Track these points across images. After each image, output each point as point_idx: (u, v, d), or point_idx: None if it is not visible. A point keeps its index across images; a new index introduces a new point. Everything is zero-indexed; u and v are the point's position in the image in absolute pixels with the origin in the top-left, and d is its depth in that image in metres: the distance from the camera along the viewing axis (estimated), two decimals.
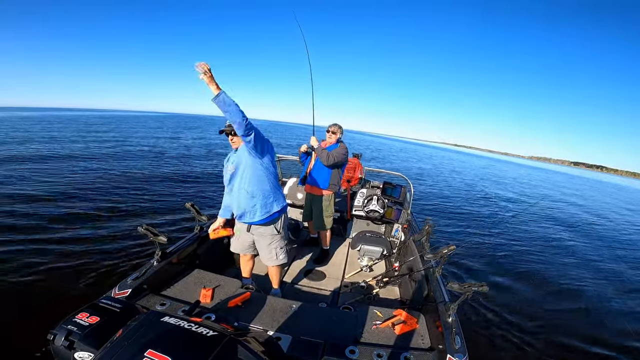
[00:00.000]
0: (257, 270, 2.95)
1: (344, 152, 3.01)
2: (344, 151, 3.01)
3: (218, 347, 0.99)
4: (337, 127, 3.08)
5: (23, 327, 2.55)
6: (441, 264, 2.19)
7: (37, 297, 2.96)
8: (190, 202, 2.52)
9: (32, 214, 4.90)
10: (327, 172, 3.02)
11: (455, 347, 1.51)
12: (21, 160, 9.03)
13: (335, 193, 3.19)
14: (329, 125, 3.12)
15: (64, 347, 1.26)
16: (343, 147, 3.03)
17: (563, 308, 3.98)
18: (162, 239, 1.96)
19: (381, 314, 1.90)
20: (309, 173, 3.11)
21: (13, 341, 2.39)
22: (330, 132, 3.08)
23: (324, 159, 2.88)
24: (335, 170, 3.06)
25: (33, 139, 14.07)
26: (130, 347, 0.98)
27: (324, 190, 3.06)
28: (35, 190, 6.13)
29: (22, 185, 6.42)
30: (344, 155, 2.99)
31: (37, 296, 2.98)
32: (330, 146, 3.07)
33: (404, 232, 3.42)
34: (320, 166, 3.00)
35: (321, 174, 3.04)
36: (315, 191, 3.11)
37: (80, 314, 1.39)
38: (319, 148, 2.94)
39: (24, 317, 2.68)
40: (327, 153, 2.88)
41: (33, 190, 6.17)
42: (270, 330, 1.68)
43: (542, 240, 6.89)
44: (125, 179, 7.89)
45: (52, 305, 2.85)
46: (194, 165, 10.98)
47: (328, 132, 3.09)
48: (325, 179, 3.04)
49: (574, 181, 36.30)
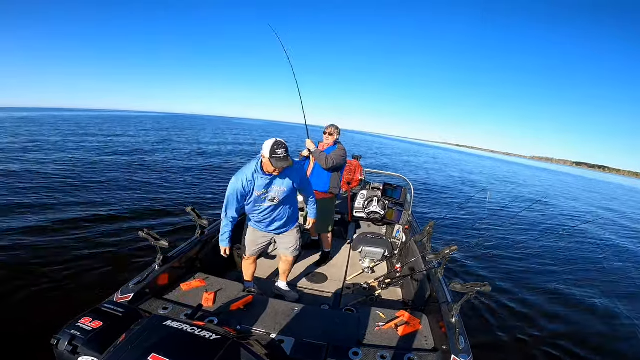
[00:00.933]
0: (259, 273, 2.95)
1: (343, 153, 2.95)
2: (343, 153, 2.96)
3: (221, 350, 0.99)
4: (333, 128, 2.99)
5: (26, 332, 2.54)
6: (443, 264, 2.19)
7: (39, 302, 2.96)
8: (191, 206, 2.52)
9: (31, 218, 4.91)
10: (327, 175, 2.98)
11: (459, 348, 1.51)
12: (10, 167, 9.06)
13: (336, 195, 3.15)
14: (326, 126, 3.04)
15: (67, 351, 1.26)
16: (341, 148, 2.97)
17: (568, 308, 3.96)
18: (163, 244, 1.97)
19: (384, 316, 1.90)
20: (309, 177, 3.00)
21: (16, 346, 2.39)
22: (327, 134, 2.99)
23: (323, 162, 2.83)
24: (334, 173, 3.02)
25: (22, 140, 14.12)
26: (133, 352, 0.98)
27: (324, 194, 3.01)
28: (35, 195, 6.15)
29: (18, 195, 6.43)
30: (342, 157, 2.94)
31: (40, 301, 2.98)
32: (328, 148, 3.00)
33: (405, 233, 3.42)
34: (319, 169, 2.95)
35: (321, 177, 2.98)
36: (316, 195, 3.08)
37: (84, 318, 1.39)
38: (316, 151, 2.88)
39: (27, 322, 2.68)
40: (326, 156, 2.83)
41: (32, 199, 6.18)
42: (273, 333, 1.67)
43: (546, 241, 6.86)
44: (127, 182, 7.90)
45: (54, 310, 2.85)
46: (196, 167, 11.00)
47: (325, 134, 3.02)
48: (325, 182, 2.99)
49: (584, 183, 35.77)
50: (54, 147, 13.00)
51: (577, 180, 37.79)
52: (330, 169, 2.90)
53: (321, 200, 3.00)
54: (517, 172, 36.73)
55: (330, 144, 3.01)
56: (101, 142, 16.17)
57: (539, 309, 3.80)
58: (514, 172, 35.45)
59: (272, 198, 2.07)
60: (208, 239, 2.64)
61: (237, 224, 3.03)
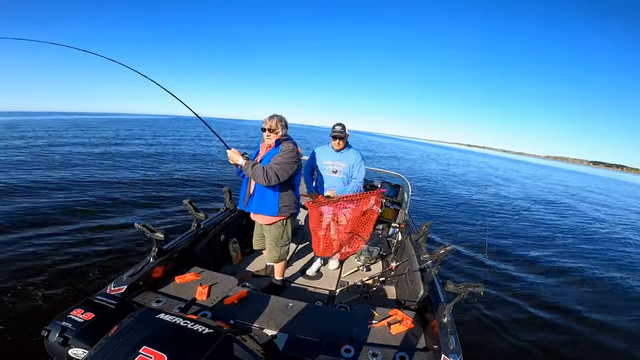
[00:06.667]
0: (253, 268, 2.96)
1: (291, 155, 2.09)
2: (291, 155, 2.09)
3: (214, 344, 0.99)
4: (275, 120, 2.16)
5: (17, 323, 2.53)
6: (437, 264, 2.20)
7: (30, 294, 2.94)
8: (188, 199, 2.51)
9: (26, 208, 4.86)
10: (273, 194, 2.19)
11: (450, 347, 1.52)
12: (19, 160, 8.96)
13: (293, 214, 2.35)
14: (264, 119, 2.18)
15: (58, 343, 1.25)
16: (288, 148, 2.12)
17: (561, 310, 4.00)
18: (158, 236, 1.95)
19: (377, 314, 1.91)
20: (251, 194, 2.26)
21: (6, 337, 2.37)
22: (268, 131, 2.16)
23: (261, 179, 2.00)
24: (285, 187, 2.20)
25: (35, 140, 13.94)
26: (125, 344, 0.97)
27: (272, 217, 2.25)
28: (34, 192, 6.09)
29: (24, 190, 6.37)
30: (291, 161, 2.09)
31: (31, 292, 2.96)
32: (267, 154, 2.17)
33: (401, 232, 3.43)
34: (261, 186, 2.15)
35: (265, 196, 2.19)
36: (261, 219, 2.32)
37: (75, 310, 1.38)
38: (247, 165, 2.02)
39: (18, 313, 2.66)
40: (262, 170, 2.01)
41: (32, 198, 6.11)
42: (266, 328, 1.68)
43: (541, 242, 6.91)
44: (124, 175, 7.85)
45: (46, 301, 2.84)
46: (195, 165, 10.94)
47: (264, 132, 2.19)
48: (272, 203, 2.20)
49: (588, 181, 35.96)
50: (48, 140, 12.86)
51: (581, 178, 37.66)
52: (276, 184, 2.09)
53: (269, 227, 2.32)
54: (524, 171, 36.42)
55: (272, 145, 2.18)
56: (96, 141, 16.00)
57: (531, 311, 3.84)
58: (519, 171, 35.16)
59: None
60: (204, 233, 2.63)
61: (233, 219, 3.01)
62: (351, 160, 2.68)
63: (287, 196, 2.23)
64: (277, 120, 2.16)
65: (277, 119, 2.16)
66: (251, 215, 2.39)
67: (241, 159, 2.05)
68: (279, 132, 2.18)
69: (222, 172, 10.02)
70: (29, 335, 2.37)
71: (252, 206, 2.26)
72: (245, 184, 2.31)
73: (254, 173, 2.01)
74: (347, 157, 2.69)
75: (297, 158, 2.15)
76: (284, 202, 2.22)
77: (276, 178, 2.03)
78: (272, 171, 2.01)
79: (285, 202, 2.22)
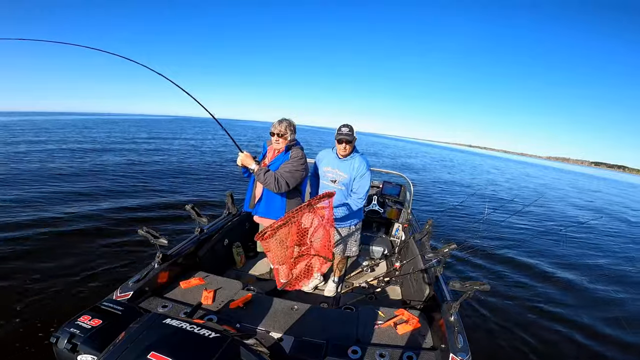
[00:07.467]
0: (257, 271, 2.96)
1: (301, 162, 2.15)
2: (300, 162, 2.15)
3: (221, 348, 0.99)
4: (284, 124, 2.14)
5: (25, 330, 2.55)
6: (442, 263, 2.19)
7: (38, 300, 2.96)
8: (190, 204, 2.52)
9: (31, 213, 4.90)
10: (280, 200, 2.23)
11: (458, 346, 1.51)
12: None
13: None
14: (274, 123, 2.18)
15: (67, 350, 1.26)
16: (297, 155, 2.17)
17: (568, 305, 3.97)
18: (162, 241, 1.96)
19: (383, 314, 1.90)
20: (259, 198, 2.30)
21: (15, 345, 2.39)
22: (276, 136, 2.15)
23: (272, 186, 2.07)
24: (293, 194, 2.26)
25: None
26: (133, 350, 0.98)
27: None
28: (35, 191, 6.13)
29: (23, 187, 6.42)
30: (301, 168, 2.14)
31: (38, 299, 2.98)
32: (275, 159, 2.20)
33: (405, 232, 3.42)
34: (269, 191, 2.21)
35: (273, 201, 2.24)
36: (267, 223, 2.12)
37: (83, 316, 1.39)
38: (259, 172, 2.07)
39: (26, 320, 2.67)
40: (273, 176, 2.07)
41: (33, 194, 6.16)
42: (272, 331, 1.68)
43: (547, 239, 6.87)
44: (126, 180, 7.89)
45: (54, 308, 2.86)
46: (193, 165, 10.98)
47: (273, 136, 2.17)
48: (280, 207, 2.25)
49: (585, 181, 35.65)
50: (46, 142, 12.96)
51: (577, 177, 37.65)
52: (286, 191, 2.14)
53: None
54: (528, 171, 36.45)
55: (281, 150, 2.19)
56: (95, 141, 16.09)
57: (538, 308, 3.82)
58: (524, 171, 35.24)
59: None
60: (207, 237, 2.63)
61: (235, 223, 3.01)
62: (353, 171, 2.24)
63: (294, 202, 2.28)
64: (287, 125, 2.16)
65: (286, 123, 2.16)
66: (256, 219, 2.42)
67: (254, 164, 2.10)
68: (288, 137, 2.18)
69: (221, 171, 10.05)
70: (37, 342, 2.39)
71: (259, 210, 2.32)
72: (251, 186, 2.35)
73: (265, 180, 2.07)
74: (350, 166, 2.25)
75: (306, 165, 2.21)
76: (291, 207, 2.23)
77: (286, 186, 2.10)
78: (282, 179, 2.08)
79: (292, 206, 2.23)
